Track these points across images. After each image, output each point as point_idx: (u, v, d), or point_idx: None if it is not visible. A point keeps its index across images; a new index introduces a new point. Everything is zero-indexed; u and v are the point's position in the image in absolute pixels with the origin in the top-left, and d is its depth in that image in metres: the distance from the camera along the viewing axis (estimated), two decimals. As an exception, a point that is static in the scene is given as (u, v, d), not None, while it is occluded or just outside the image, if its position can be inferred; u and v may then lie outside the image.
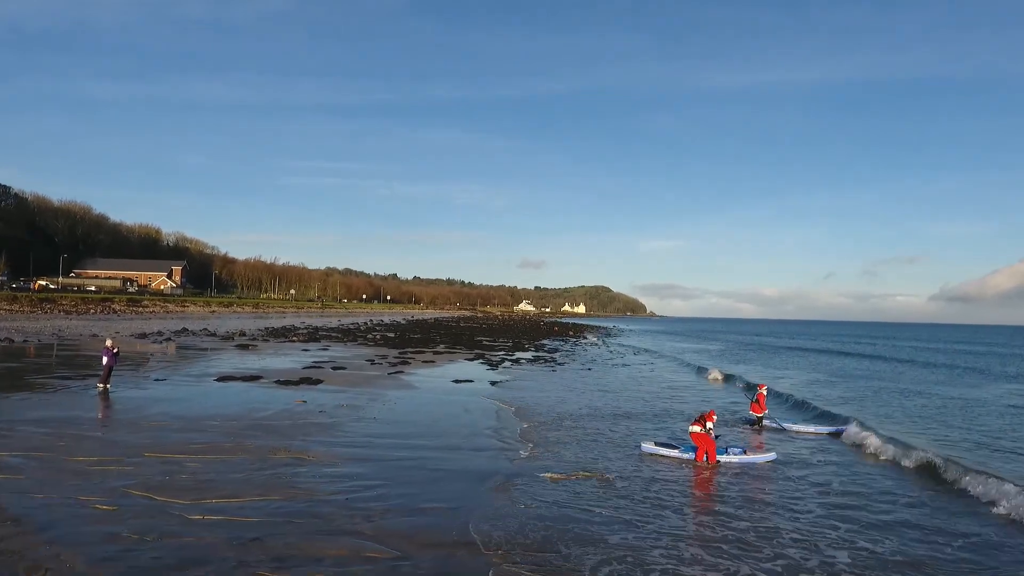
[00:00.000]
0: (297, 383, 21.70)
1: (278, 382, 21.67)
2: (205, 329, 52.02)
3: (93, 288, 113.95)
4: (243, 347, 36.74)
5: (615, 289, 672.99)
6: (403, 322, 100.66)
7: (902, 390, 28.19)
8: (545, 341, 62.72)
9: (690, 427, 13.40)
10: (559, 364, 35.14)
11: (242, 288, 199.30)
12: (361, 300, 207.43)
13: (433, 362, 32.58)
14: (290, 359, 30.66)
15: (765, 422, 17.25)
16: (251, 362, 28.41)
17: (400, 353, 37.05)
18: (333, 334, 54.74)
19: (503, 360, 35.91)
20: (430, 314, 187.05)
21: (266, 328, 59.51)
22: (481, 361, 34.78)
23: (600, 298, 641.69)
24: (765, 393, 17.80)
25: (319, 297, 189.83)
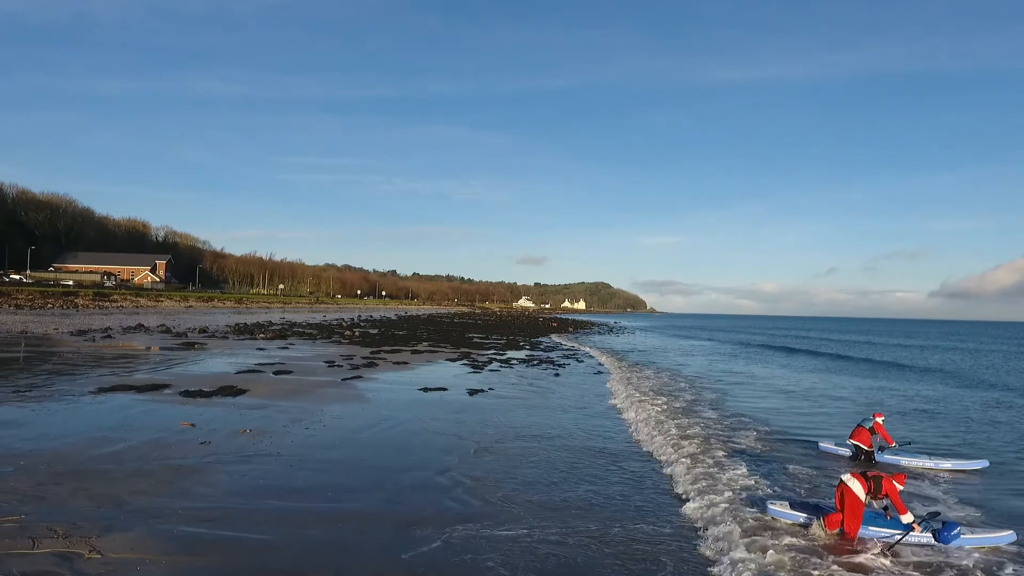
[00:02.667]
0: (211, 394, 16.61)
1: (185, 393, 16.55)
2: (163, 325, 46.88)
3: (70, 282, 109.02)
4: (189, 345, 31.62)
5: (615, 285, 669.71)
6: (394, 318, 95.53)
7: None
8: (542, 339, 57.63)
9: (845, 476, 8.16)
10: (558, 366, 30.01)
11: (233, 283, 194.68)
12: (356, 296, 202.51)
13: (406, 364, 27.47)
14: (232, 360, 25.54)
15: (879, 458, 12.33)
16: (179, 365, 23.30)
17: (372, 352, 31.94)
18: (309, 331, 49.66)
19: (491, 361, 30.81)
20: (427, 310, 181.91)
21: (237, 324, 54.37)
22: (465, 362, 29.67)
23: (600, 294, 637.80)
24: (881, 421, 12.62)
25: (311, 293, 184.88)
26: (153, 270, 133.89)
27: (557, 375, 26.00)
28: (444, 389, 19.88)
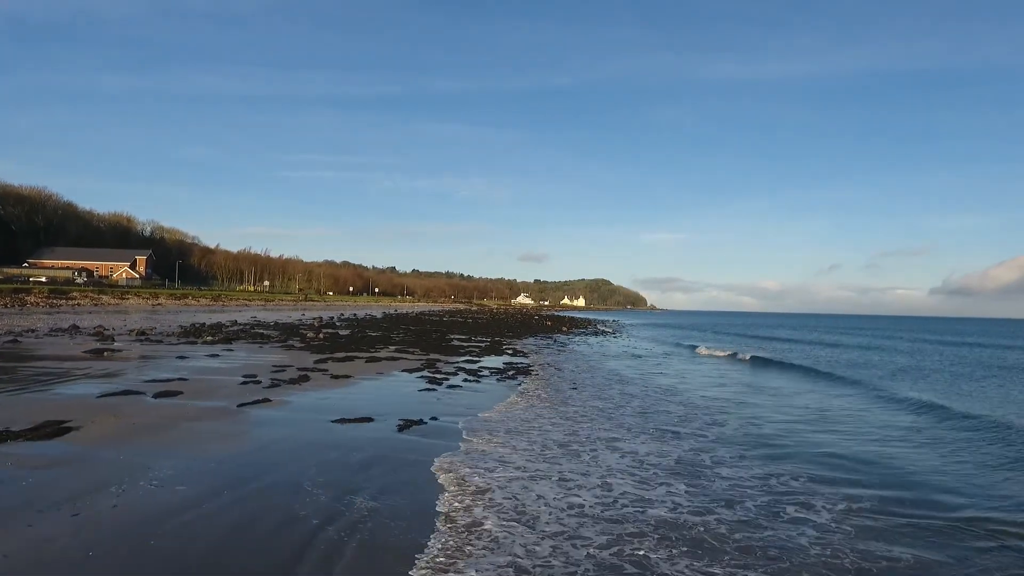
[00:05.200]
0: (12, 437, 11.51)
1: (-28, 436, 11.43)
2: (100, 327, 41.83)
3: (43, 279, 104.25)
4: (97, 353, 26.53)
5: (616, 282, 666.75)
6: (378, 316, 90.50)
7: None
8: (530, 340, 52.48)
9: None
10: (536, 379, 24.92)
11: (222, 280, 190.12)
12: (348, 293, 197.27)
13: (347, 378, 22.34)
14: (127, 375, 20.45)
15: None
16: (40, 384, 18.20)
17: (317, 361, 26.87)
18: (269, 332, 44.60)
19: (457, 371, 25.71)
20: (420, 307, 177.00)
21: (192, 324, 49.32)
22: (425, 374, 24.62)
23: (600, 291, 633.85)
24: None
25: (301, 290, 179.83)
26: (133, 266, 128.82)
27: (535, 398, 20.87)
28: (369, 420, 14.77)
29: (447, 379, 23.12)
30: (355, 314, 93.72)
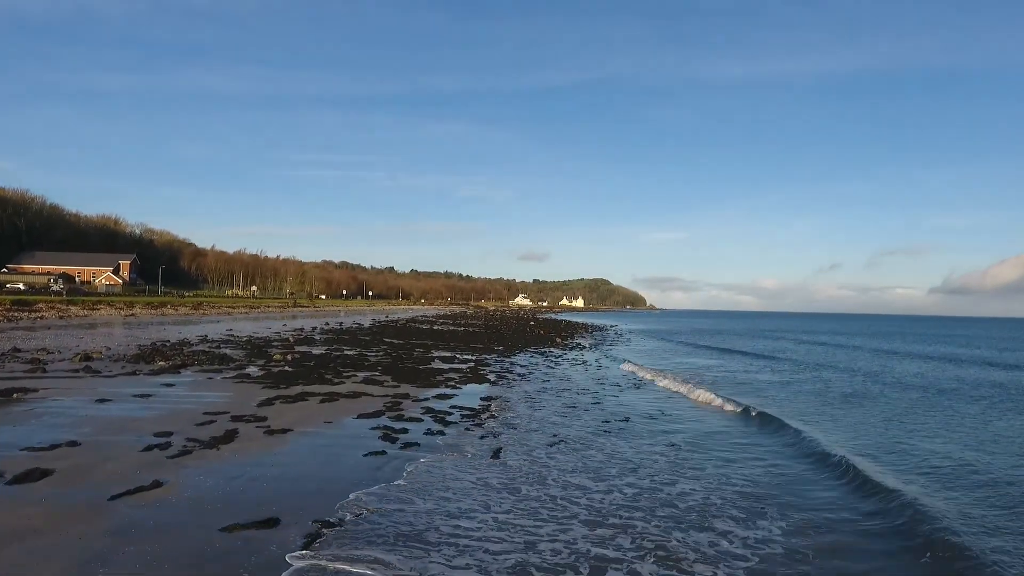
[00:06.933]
0: None
1: None
2: (43, 349, 38.19)
3: (21, 285, 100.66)
4: (7, 394, 22.88)
5: (615, 282, 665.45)
6: (366, 325, 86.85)
7: None
8: (519, 357, 48.77)
9: None
10: (513, 427, 21.33)
11: (213, 283, 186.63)
12: (341, 296, 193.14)
13: (287, 432, 18.69)
14: (16, 434, 16.80)
15: None
16: None
17: (264, 402, 23.29)
18: (232, 352, 41.05)
19: (423, 414, 22.13)
20: (415, 311, 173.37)
21: (152, 343, 45.72)
22: (387, 417, 21.15)
23: (599, 291, 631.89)
24: None
25: (291, 294, 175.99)
26: (116, 271, 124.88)
27: (504, 469, 17.23)
28: (274, 523, 11.10)
29: (407, 430, 19.47)
30: (341, 323, 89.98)
